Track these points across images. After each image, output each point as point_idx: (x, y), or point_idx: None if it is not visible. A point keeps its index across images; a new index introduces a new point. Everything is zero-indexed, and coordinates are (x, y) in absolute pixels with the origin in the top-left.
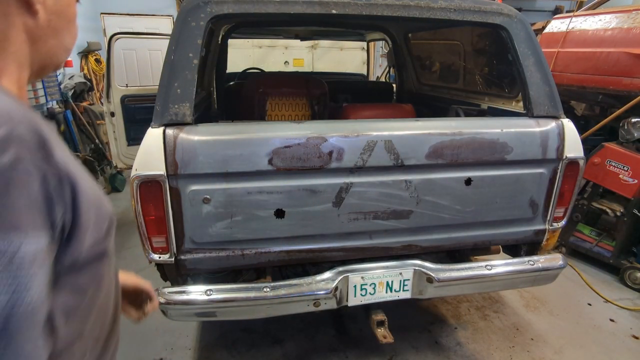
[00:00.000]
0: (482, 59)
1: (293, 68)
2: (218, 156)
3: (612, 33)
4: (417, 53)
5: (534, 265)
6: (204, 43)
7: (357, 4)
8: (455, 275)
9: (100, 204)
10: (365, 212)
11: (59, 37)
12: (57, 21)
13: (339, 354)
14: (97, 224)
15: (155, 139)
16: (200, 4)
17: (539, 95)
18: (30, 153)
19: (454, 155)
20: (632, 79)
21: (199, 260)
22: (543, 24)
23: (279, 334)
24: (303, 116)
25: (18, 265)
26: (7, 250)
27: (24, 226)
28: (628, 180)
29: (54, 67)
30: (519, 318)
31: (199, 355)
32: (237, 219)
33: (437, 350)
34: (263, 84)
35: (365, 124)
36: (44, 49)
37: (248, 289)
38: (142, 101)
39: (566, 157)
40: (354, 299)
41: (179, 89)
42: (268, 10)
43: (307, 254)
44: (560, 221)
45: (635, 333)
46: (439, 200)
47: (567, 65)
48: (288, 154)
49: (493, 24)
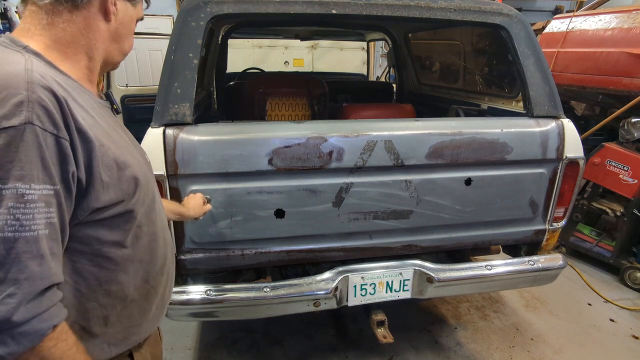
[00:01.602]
0: (482, 59)
1: (293, 68)
2: (218, 156)
3: (612, 33)
4: (417, 53)
5: (534, 265)
6: (204, 43)
7: (357, 4)
8: (455, 275)
9: (124, 168)
10: (365, 212)
11: (120, 43)
12: (122, 30)
13: (339, 354)
14: (118, 185)
15: (155, 139)
16: (200, 4)
17: (539, 95)
18: (41, 118)
19: (454, 155)
20: (632, 79)
21: (199, 260)
22: (543, 24)
23: (279, 334)
24: (303, 116)
25: (23, 205)
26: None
27: (28, 178)
28: (628, 180)
29: (112, 65)
30: (519, 318)
31: (199, 355)
32: (237, 219)
33: (437, 350)
34: (263, 84)
35: (365, 124)
36: (108, 49)
37: (248, 289)
38: (142, 101)
39: (566, 157)
40: (354, 299)
41: (179, 89)
42: (268, 10)
43: (307, 254)
44: (560, 221)
45: (635, 333)
46: (439, 200)
47: (567, 65)
48: (288, 154)
49: (493, 24)
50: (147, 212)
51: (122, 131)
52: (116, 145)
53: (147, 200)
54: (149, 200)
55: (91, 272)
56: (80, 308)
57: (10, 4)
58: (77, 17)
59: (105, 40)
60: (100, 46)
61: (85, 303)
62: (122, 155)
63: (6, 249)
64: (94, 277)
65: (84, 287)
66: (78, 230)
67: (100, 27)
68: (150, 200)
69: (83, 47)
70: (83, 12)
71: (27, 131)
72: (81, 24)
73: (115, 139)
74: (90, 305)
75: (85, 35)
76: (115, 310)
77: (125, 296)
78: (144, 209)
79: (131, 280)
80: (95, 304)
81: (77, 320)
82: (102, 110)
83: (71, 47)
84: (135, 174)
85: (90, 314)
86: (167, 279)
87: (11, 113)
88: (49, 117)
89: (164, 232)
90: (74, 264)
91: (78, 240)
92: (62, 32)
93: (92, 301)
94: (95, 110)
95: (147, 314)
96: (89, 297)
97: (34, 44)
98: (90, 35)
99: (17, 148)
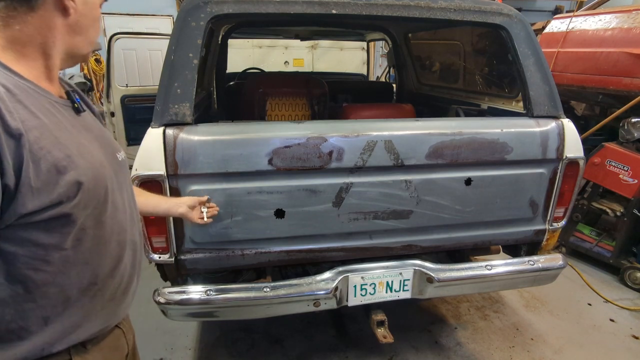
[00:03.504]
0: (482, 59)
1: (293, 68)
2: (218, 156)
3: (612, 33)
4: (417, 53)
5: (534, 265)
6: (204, 43)
7: (357, 4)
8: (455, 275)
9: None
10: (365, 212)
11: (84, 34)
12: (84, 21)
13: (339, 354)
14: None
15: (155, 139)
16: (200, 4)
17: (539, 95)
18: None
19: (454, 155)
20: (632, 79)
21: (199, 260)
22: (543, 24)
23: (279, 334)
24: (303, 116)
25: None
26: None
27: None
28: (628, 180)
29: (81, 57)
30: (519, 318)
31: (199, 355)
32: (237, 219)
33: (437, 350)
34: (263, 84)
35: (365, 124)
36: (71, 42)
37: (248, 289)
38: (142, 101)
39: (566, 157)
40: (354, 299)
41: (179, 89)
42: (268, 10)
43: (307, 254)
44: (560, 221)
45: (635, 333)
46: (439, 200)
47: (567, 65)
48: (288, 154)
49: (493, 24)
50: (95, 214)
51: (80, 130)
52: (61, 147)
53: (93, 203)
54: (96, 202)
55: (27, 275)
56: (18, 308)
57: None
58: (32, 18)
59: (65, 36)
60: (59, 43)
61: (22, 304)
62: (64, 159)
63: None
64: (31, 280)
65: (20, 288)
66: (11, 233)
67: (58, 23)
68: (100, 202)
69: (40, 45)
70: (39, 12)
71: None
72: (37, 23)
73: (62, 140)
74: (28, 306)
75: (42, 34)
76: (56, 310)
77: (67, 298)
78: (89, 211)
79: (74, 283)
80: (33, 304)
81: (14, 320)
82: (57, 110)
83: (27, 47)
84: (78, 178)
85: (28, 314)
86: (120, 281)
87: None
88: None
89: (120, 235)
90: (8, 267)
91: (12, 242)
92: (19, 33)
93: (29, 302)
94: (46, 110)
95: (90, 315)
96: (26, 299)
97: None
98: (48, 33)
99: None
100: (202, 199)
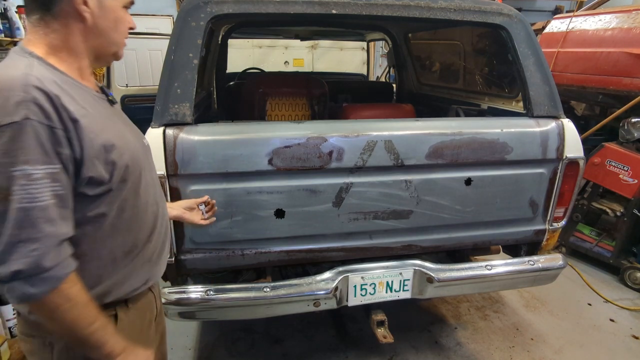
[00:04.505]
0: (482, 59)
1: (293, 68)
2: (218, 156)
3: (612, 33)
4: (417, 53)
5: (534, 265)
6: (204, 43)
7: (357, 4)
8: (455, 275)
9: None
10: (365, 212)
11: (106, 36)
12: (102, 23)
13: (339, 354)
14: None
15: (155, 139)
16: (200, 4)
17: (539, 95)
18: (37, 113)
19: (454, 155)
20: (632, 79)
21: (199, 260)
22: (543, 24)
23: (279, 334)
24: (303, 116)
25: (33, 182)
26: (25, 174)
27: (33, 160)
28: (628, 180)
29: (109, 56)
30: (519, 318)
31: (199, 355)
32: (237, 219)
33: (437, 350)
34: (263, 84)
35: (365, 124)
36: (95, 43)
37: (248, 289)
38: (142, 101)
39: (566, 157)
40: (354, 299)
41: (179, 89)
42: (268, 10)
43: (307, 254)
44: (560, 221)
45: (635, 333)
46: (439, 200)
47: (567, 65)
48: (288, 154)
49: (493, 24)
50: (134, 188)
51: (116, 119)
52: (106, 131)
53: (131, 179)
54: (134, 178)
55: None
56: (81, 267)
57: (11, 4)
58: (58, 26)
59: (88, 39)
60: (84, 45)
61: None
62: (109, 140)
63: (25, 215)
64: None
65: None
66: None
67: (78, 28)
68: (136, 178)
69: (70, 49)
70: (60, 20)
71: (27, 125)
72: (63, 30)
73: (105, 125)
74: (89, 265)
75: (68, 39)
76: (107, 270)
77: (114, 259)
78: (129, 185)
79: (119, 246)
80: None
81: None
82: (97, 102)
83: (62, 51)
84: (121, 157)
85: (86, 273)
86: (156, 245)
87: (14, 111)
88: (42, 112)
89: (153, 206)
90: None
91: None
92: (54, 40)
93: (90, 262)
94: (90, 102)
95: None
96: (86, 260)
97: (37, 51)
98: (72, 38)
99: (21, 138)
100: (198, 200)
